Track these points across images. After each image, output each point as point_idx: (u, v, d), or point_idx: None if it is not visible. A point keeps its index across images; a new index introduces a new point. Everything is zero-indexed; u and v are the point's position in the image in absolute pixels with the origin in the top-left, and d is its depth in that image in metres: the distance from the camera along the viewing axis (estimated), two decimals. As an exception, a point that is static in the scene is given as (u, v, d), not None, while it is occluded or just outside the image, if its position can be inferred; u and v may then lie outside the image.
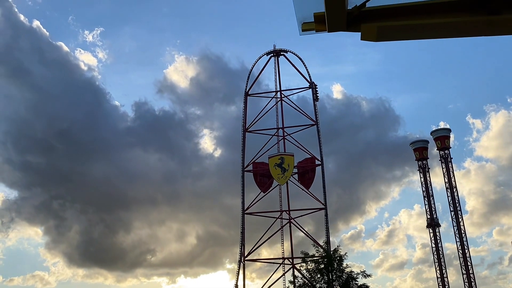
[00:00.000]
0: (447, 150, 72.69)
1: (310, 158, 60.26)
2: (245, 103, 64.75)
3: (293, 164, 58.77)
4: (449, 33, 4.00)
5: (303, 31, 4.03)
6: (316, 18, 3.94)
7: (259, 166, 60.77)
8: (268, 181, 60.03)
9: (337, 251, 33.97)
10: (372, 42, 4.04)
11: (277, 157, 59.10)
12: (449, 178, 71.16)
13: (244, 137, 62.44)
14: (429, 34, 4.03)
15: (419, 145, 74.82)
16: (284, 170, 58.25)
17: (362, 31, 3.83)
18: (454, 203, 69.60)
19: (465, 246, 67.11)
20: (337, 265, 32.83)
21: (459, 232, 67.96)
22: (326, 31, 3.89)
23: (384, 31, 3.87)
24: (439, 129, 73.96)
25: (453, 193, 70.19)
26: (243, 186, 60.07)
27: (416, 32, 3.96)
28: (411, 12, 3.84)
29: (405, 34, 3.99)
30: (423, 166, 74.21)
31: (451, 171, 71.59)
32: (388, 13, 3.86)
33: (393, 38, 4.05)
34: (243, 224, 58.45)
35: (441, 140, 72.74)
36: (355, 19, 3.84)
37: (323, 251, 36.08)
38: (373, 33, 3.84)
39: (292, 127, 62.37)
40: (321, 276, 32.71)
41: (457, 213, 69.02)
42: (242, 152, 61.62)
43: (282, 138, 61.79)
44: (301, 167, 60.24)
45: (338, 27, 3.84)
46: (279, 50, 65.41)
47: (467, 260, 66.41)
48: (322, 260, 33.63)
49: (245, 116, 63.85)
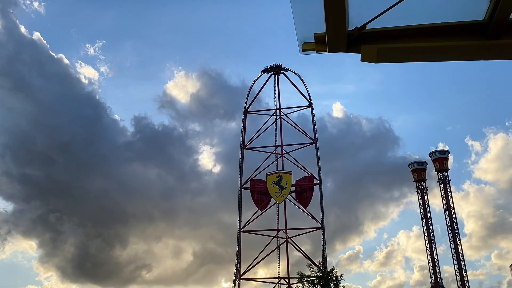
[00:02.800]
0: (446, 172, 72.60)
1: (308, 177, 60.11)
2: (244, 120, 64.94)
3: (291, 182, 58.58)
4: (449, 56, 4.02)
5: (303, 51, 4.05)
6: (317, 38, 3.96)
7: (256, 183, 60.58)
8: (266, 199, 59.75)
9: (333, 272, 33.60)
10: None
11: (275, 175, 58.93)
12: (447, 200, 70.92)
13: (242, 154, 62.40)
14: (429, 56, 4.05)
15: (417, 166, 74.75)
16: (282, 188, 58.02)
17: (362, 52, 3.85)
18: (452, 226, 69.20)
19: (463, 269, 66.46)
20: (334, 286, 32.42)
21: (457, 255, 67.39)
22: (326, 52, 3.91)
23: (384, 53, 3.89)
24: (437, 150, 74.00)
25: (451, 215, 69.86)
26: (240, 204, 59.76)
27: (416, 54, 3.98)
28: (411, 35, 3.87)
29: (405, 56, 4.01)
30: (421, 188, 74.01)
31: (449, 193, 71.38)
32: (388, 35, 3.89)
33: (393, 60, 4.07)
34: (239, 242, 57.91)
35: (439, 161, 72.72)
36: (356, 41, 3.86)
37: (318, 271, 35.67)
38: (373, 54, 3.85)
39: (291, 145, 62.45)
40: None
41: (455, 236, 68.57)
42: (240, 169, 61.48)
43: (280, 156, 61.75)
44: (299, 186, 60.03)
45: (339, 48, 3.86)
46: (279, 69, 65.94)
47: (464, 284, 65.65)
48: (318, 280, 33.23)
49: (244, 133, 63.94)
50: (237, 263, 57.13)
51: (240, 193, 60.24)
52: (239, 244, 57.74)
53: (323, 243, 55.91)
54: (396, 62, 4.09)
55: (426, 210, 72.37)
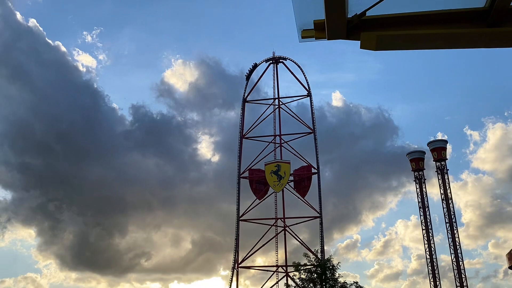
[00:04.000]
0: (444, 161, 72.83)
1: (306, 166, 60.26)
2: (243, 110, 64.84)
3: (289, 171, 58.74)
4: (449, 44, 4.00)
5: (302, 38, 4.02)
6: (316, 25, 3.93)
7: (255, 173, 60.70)
8: (264, 188, 59.94)
9: (330, 261, 33.79)
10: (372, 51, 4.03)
11: (274, 165, 59.06)
12: (445, 190, 71.25)
13: (241, 143, 62.42)
14: (429, 44, 4.03)
15: (415, 156, 74.97)
16: (280, 177, 58.19)
17: (361, 40, 3.83)
18: (450, 215, 69.63)
19: (460, 258, 67.04)
20: (330, 274, 32.64)
21: (454, 244, 67.92)
22: (325, 39, 3.89)
23: (384, 40, 3.87)
24: (435, 140, 74.10)
25: (448, 205, 70.25)
26: (239, 193, 59.94)
27: (416, 42, 3.95)
28: (411, 22, 3.84)
29: (404, 43, 3.98)
30: (419, 177, 74.31)
31: (447, 182, 71.69)
32: (388, 22, 3.86)
33: (392, 47, 4.05)
34: (238, 231, 58.23)
35: (437, 151, 72.90)
36: (355, 28, 3.84)
37: (315, 259, 35.88)
38: (373, 41, 3.83)
39: (289, 134, 62.46)
40: (313, 286, 32.48)
41: (452, 225, 69.04)
42: (239, 158, 61.56)
43: (279, 145, 61.82)
44: (297, 175, 60.19)
45: (338, 35, 3.84)
46: (278, 58, 65.66)
47: (461, 272, 66.31)
48: (315, 269, 33.44)
49: (242, 123, 63.89)
50: (235, 251, 57.52)
51: (239, 182, 60.40)
52: (237, 233, 58.08)
53: (321, 232, 56.26)
54: (395, 49, 4.07)
55: (424, 200, 72.77)
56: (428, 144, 74.28)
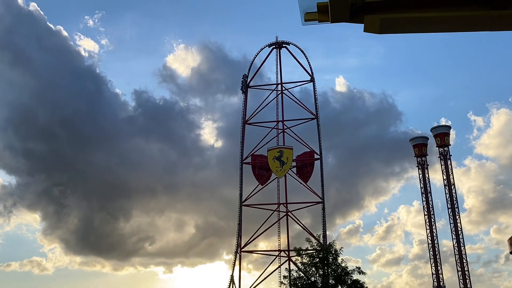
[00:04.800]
0: (447, 147, 72.69)
1: (309, 152, 60.28)
2: (246, 95, 64.66)
3: (292, 157, 58.82)
4: (453, 27, 3.95)
5: (305, 21, 3.99)
6: (319, 8, 3.89)
7: (257, 158, 60.82)
8: (267, 174, 60.11)
9: (332, 245, 34.00)
10: (375, 35, 3.99)
11: (276, 150, 59.12)
12: (448, 176, 71.27)
13: (243, 129, 62.41)
14: (433, 27, 3.98)
15: (419, 142, 74.85)
16: (283, 163, 58.30)
17: (365, 23, 3.79)
18: (452, 201, 69.80)
19: (461, 244, 67.42)
20: (332, 259, 32.88)
21: (456, 229, 68.22)
22: (329, 22, 3.85)
23: (387, 23, 3.82)
24: (439, 126, 73.83)
25: (451, 190, 70.35)
26: (241, 178, 60.17)
27: (420, 25, 3.91)
28: (416, 5, 3.80)
29: (408, 27, 3.94)
30: (422, 163, 74.30)
31: (450, 168, 71.69)
32: (391, 5, 3.82)
33: (396, 30, 4.00)
34: (240, 216, 58.64)
35: (440, 137, 72.71)
36: (359, 10, 3.79)
37: (317, 244, 36.12)
38: (376, 25, 3.79)
39: (292, 120, 62.34)
40: (315, 270, 32.76)
41: (454, 211, 69.25)
42: (241, 144, 61.63)
43: (281, 131, 61.77)
44: (300, 161, 60.28)
45: (341, 18, 3.80)
46: (281, 42, 65.16)
47: (462, 257, 66.74)
48: (317, 254, 33.68)
49: (245, 108, 63.77)
50: (238, 236, 58.01)
51: (241, 167, 60.59)
52: (240, 218, 58.49)
53: (323, 217, 56.59)
54: (399, 32, 4.02)
55: (426, 185, 72.89)
56: (432, 129, 74.06)
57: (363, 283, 32.31)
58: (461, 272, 66.13)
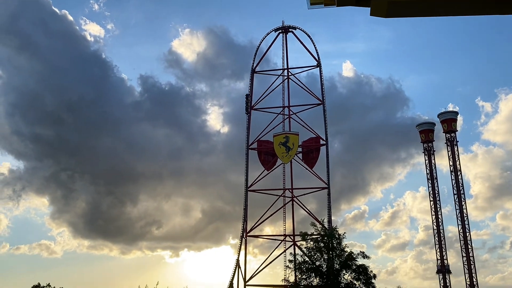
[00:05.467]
0: (454, 133, 72.21)
1: (315, 138, 60.19)
2: (252, 80, 64.38)
3: (297, 143, 58.78)
4: (460, 10, 3.89)
5: (311, 5, 3.93)
6: (325, -9, 3.84)
7: (263, 144, 60.87)
8: (272, 159, 60.21)
9: (335, 230, 34.13)
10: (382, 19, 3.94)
11: (282, 136, 59.08)
12: (454, 162, 70.95)
13: (249, 115, 62.30)
14: (440, 11, 3.92)
15: (425, 127, 74.37)
16: (289, 149, 58.31)
17: (372, 7, 3.73)
18: (458, 187, 69.59)
19: (467, 229, 67.44)
20: (337, 244, 33.04)
21: (461, 215, 68.18)
22: (335, 5, 3.79)
23: (395, 7, 3.77)
24: (446, 111, 73.22)
25: (457, 176, 70.10)
26: (247, 164, 60.36)
27: (428, 8, 3.85)
28: (423, -12, 3.73)
29: (415, 10, 3.88)
30: (428, 149, 73.93)
31: (456, 154, 71.32)
32: (399, -12, 3.76)
33: (403, 14, 3.95)
34: (246, 201, 58.99)
35: (447, 123, 72.18)
36: (365, -6, 3.74)
37: (322, 229, 36.29)
38: (383, 8, 3.74)
39: (298, 105, 62.12)
40: (320, 255, 32.98)
41: (460, 197, 69.12)
42: (247, 130, 61.62)
43: (287, 116, 61.61)
44: (306, 147, 60.25)
45: (348, 1, 3.74)
46: (287, 27, 64.56)
47: (467, 243, 66.83)
48: (322, 238, 33.88)
49: (251, 94, 63.55)
50: (244, 221, 58.45)
51: (247, 153, 60.72)
52: (246, 203, 58.84)
53: (328, 203, 56.77)
54: (406, 16, 3.97)
55: (433, 171, 72.65)
56: (439, 115, 73.50)
57: (367, 267, 32.48)
58: (466, 258, 66.31)
